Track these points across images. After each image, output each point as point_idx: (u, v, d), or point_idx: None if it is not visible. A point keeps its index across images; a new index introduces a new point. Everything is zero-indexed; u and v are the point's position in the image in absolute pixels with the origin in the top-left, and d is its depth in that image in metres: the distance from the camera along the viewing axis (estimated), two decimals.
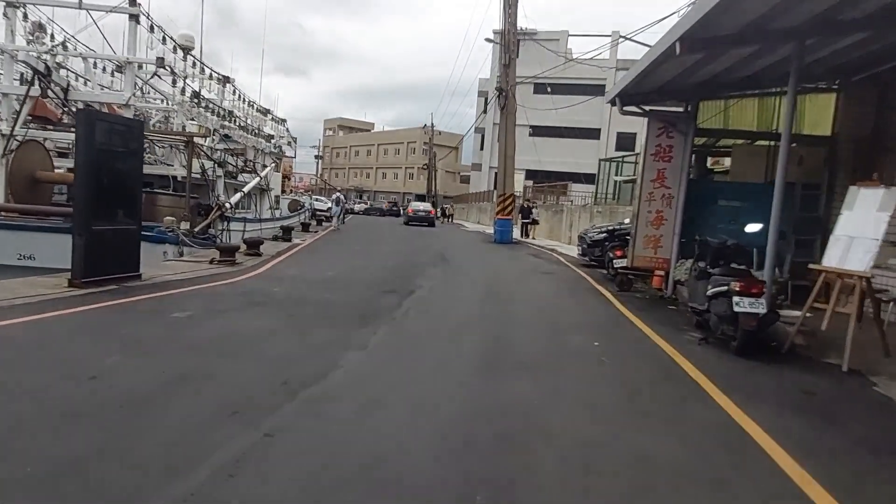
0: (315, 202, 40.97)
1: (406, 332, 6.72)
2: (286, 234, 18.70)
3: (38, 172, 14.30)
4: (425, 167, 66.92)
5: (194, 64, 21.78)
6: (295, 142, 39.31)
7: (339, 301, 8.37)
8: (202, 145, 18.71)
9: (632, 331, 7.51)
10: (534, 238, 25.15)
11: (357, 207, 32.44)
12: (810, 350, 6.45)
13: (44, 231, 12.26)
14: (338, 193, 37.22)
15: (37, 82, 13.60)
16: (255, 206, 25.64)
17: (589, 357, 5.98)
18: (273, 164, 28.22)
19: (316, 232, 24.31)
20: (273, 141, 31.60)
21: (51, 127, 15.96)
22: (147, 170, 18.95)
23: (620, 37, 38.61)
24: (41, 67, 13.32)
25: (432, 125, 67.16)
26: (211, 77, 20.66)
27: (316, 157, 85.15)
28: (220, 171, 18.80)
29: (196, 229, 15.71)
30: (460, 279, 11.97)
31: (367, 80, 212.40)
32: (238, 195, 20.17)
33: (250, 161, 26.25)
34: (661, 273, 11.20)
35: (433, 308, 8.36)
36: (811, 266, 6.82)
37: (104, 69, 18.96)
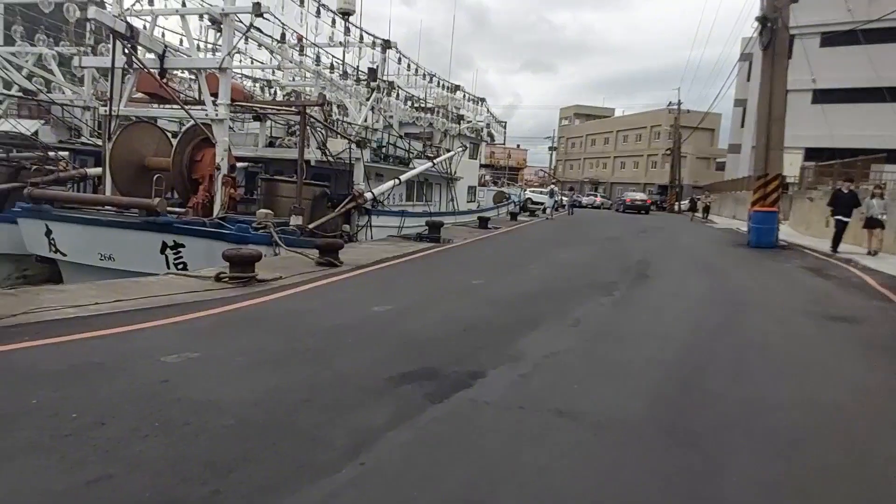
0: (531, 195, 40.96)
1: None
2: (433, 230, 14.36)
3: (147, 159, 12.23)
4: (669, 152, 56.60)
5: (360, 36, 18.51)
6: (504, 126, 35.50)
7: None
8: (324, 119, 15.22)
9: None
10: (873, 253, 13.51)
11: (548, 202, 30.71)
12: None
13: (118, 227, 10.17)
14: (552, 186, 39.49)
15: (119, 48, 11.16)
16: (440, 197, 22.34)
17: None
18: (461, 149, 24.26)
19: (496, 228, 19.39)
20: (469, 125, 27.91)
21: (156, 105, 13.83)
22: (285, 154, 16.47)
23: None
24: (121, 28, 10.75)
25: (679, 102, 56.00)
26: (362, 40, 17.14)
27: (550, 148, 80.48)
28: (358, 153, 15.20)
29: (311, 225, 12.27)
30: (628, 345, 5.84)
31: (615, 69, 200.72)
32: (389, 184, 16.56)
33: (434, 147, 22.70)
34: None
35: None
36: None
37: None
